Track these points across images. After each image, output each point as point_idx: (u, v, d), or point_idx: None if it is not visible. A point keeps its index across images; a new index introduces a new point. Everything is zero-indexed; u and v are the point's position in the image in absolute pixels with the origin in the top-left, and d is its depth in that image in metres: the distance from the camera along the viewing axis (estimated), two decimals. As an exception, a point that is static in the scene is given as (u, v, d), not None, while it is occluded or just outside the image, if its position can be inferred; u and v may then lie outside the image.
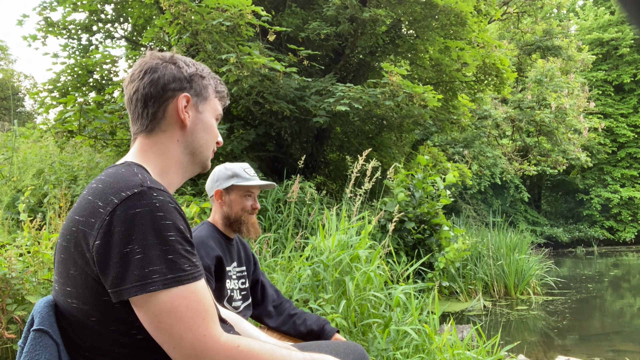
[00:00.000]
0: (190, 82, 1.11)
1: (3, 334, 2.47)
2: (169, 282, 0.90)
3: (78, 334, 0.98)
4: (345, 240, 3.57)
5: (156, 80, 1.07)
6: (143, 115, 1.09)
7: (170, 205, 0.95)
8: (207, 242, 1.83)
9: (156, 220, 0.91)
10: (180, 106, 1.09)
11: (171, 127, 1.10)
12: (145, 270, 0.89)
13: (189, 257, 0.94)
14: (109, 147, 7.06)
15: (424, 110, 6.97)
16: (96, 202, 0.94)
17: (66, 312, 0.98)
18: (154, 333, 0.91)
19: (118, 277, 0.89)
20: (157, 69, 1.08)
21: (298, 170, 6.01)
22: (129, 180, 0.95)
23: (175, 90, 1.09)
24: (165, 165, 1.10)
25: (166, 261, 0.90)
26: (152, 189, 0.94)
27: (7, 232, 4.47)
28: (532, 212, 23.49)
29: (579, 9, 25.83)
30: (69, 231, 0.97)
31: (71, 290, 0.96)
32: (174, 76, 1.09)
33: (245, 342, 0.97)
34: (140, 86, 1.07)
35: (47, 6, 8.66)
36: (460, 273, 7.11)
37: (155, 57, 1.11)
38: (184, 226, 0.96)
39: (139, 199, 0.92)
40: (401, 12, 8.04)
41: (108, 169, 1.04)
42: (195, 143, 1.13)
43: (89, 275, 0.93)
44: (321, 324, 1.94)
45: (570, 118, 13.70)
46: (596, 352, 4.66)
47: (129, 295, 0.89)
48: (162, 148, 1.09)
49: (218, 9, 5.73)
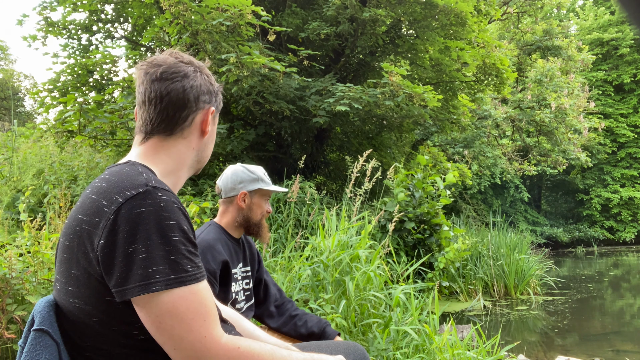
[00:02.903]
0: (216, 97, 1.18)
1: (3, 334, 2.47)
2: (172, 283, 0.90)
3: (79, 334, 0.98)
4: (345, 240, 3.57)
5: (190, 88, 1.09)
6: (169, 117, 1.09)
7: (174, 206, 0.95)
8: (214, 246, 1.80)
9: (160, 220, 0.92)
10: (209, 119, 1.14)
11: (192, 135, 1.13)
12: (149, 270, 0.89)
13: (192, 258, 0.94)
14: (109, 147, 7.06)
15: (424, 110, 6.97)
16: (100, 201, 0.94)
17: (68, 311, 0.98)
18: (154, 333, 0.92)
19: (122, 277, 0.89)
20: (189, 75, 1.10)
21: (298, 170, 6.00)
22: (133, 180, 0.96)
23: (205, 103, 1.14)
24: (174, 168, 1.11)
25: (169, 262, 0.91)
26: (156, 189, 0.95)
27: (7, 232, 4.47)
28: (532, 212, 23.49)
29: (579, 9, 25.81)
30: (72, 230, 0.97)
31: (73, 290, 0.96)
32: (207, 88, 1.14)
33: (246, 343, 0.97)
34: (173, 88, 1.08)
35: (47, 6, 8.66)
36: (460, 273, 7.10)
37: (184, 61, 1.11)
38: (188, 227, 0.96)
39: (144, 198, 0.92)
40: (401, 12, 8.05)
41: (111, 168, 1.04)
42: (205, 152, 1.19)
43: (91, 275, 0.93)
44: (322, 327, 1.93)
45: (570, 118, 13.70)
46: (596, 352, 4.65)
47: (132, 295, 0.89)
48: (177, 152, 1.11)
49: (218, 9, 5.73)
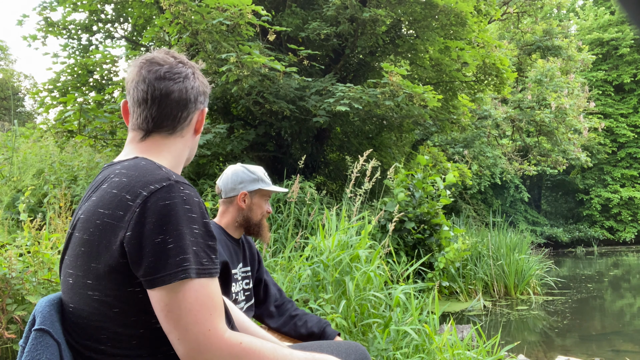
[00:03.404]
0: (207, 97, 1.25)
1: (3, 334, 2.47)
2: (188, 273, 0.93)
3: (92, 328, 0.98)
4: (345, 240, 3.57)
5: (191, 89, 1.16)
6: (172, 116, 1.14)
7: (196, 200, 0.99)
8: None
9: (185, 212, 0.96)
10: (202, 118, 1.22)
11: (188, 133, 1.19)
12: (177, 259, 0.93)
13: (208, 252, 0.98)
14: (109, 147, 7.06)
15: (424, 110, 6.97)
16: (124, 195, 0.97)
17: (81, 306, 0.99)
18: (162, 321, 0.94)
19: (151, 266, 0.92)
20: (189, 77, 1.16)
21: (298, 170, 6.00)
22: (155, 174, 1.00)
23: (201, 103, 1.20)
24: (173, 166, 1.16)
25: (192, 252, 0.95)
26: (179, 183, 0.99)
27: (7, 232, 4.47)
28: (532, 212, 23.48)
29: (579, 9, 25.81)
30: (93, 224, 0.99)
31: (92, 283, 0.97)
32: (203, 90, 1.21)
33: (248, 339, 0.99)
34: (177, 89, 1.13)
35: (47, 6, 8.66)
36: (460, 273, 7.10)
37: (182, 62, 1.17)
38: (208, 220, 1.00)
39: (168, 191, 0.96)
40: (401, 12, 8.05)
41: (123, 163, 1.07)
42: (194, 151, 1.27)
43: (113, 267, 0.95)
44: (322, 327, 1.93)
45: (570, 118, 13.69)
46: (596, 352, 4.65)
47: (162, 283, 0.92)
48: (176, 150, 1.17)
49: (218, 8, 5.73)
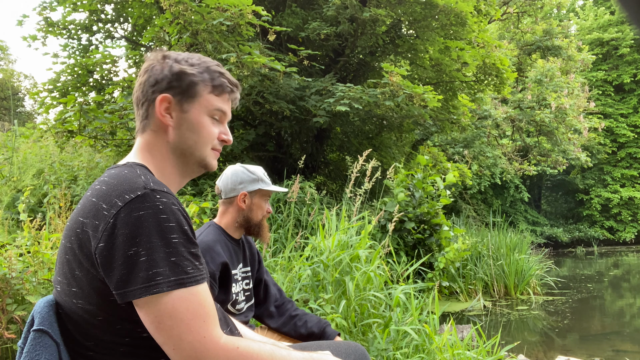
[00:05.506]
0: (175, 81, 1.07)
1: (3, 334, 2.47)
2: (172, 285, 0.91)
3: (82, 334, 0.98)
4: (345, 240, 3.57)
5: (145, 81, 1.09)
6: (138, 115, 1.12)
7: (173, 207, 0.95)
8: (213, 248, 1.79)
9: (160, 222, 0.92)
10: (159, 108, 1.07)
11: (159, 127, 1.09)
12: (149, 273, 0.89)
13: (192, 260, 0.95)
14: (109, 147, 7.05)
15: (424, 110, 6.96)
16: (100, 204, 0.95)
17: (70, 312, 0.98)
18: (154, 333, 0.92)
19: (122, 280, 0.90)
20: (149, 69, 1.10)
21: (298, 170, 6.00)
22: (132, 183, 0.96)
23: (156, 92, 1.07)
24: (159, 165, 1.10)
25: (170, 264, 0.91)
26: (155, 192, 0.95)
27: (7, 232, 4.47)
28: (532, 212, 23.47)
29: (579, 9, 25.81)
30: (74, 232, 0.97)
31: (77, 291, 0.96)
32: (157, 76, 1.07)
33: (245, 343, 0.98)
34: (137, 86, 1.11)
35: (47, 6, 8.66)
36: (460, 273, 7.10)
37: (152, 56, 1.12)
38: (188, 227, 0.96)
39: (142, 201, 0.92)
40: (401, 12, 8.05)
41: (110, 170, 1.04)
42: (183, 144, 1.10)
43: (94, 276, 0.94)
44: (322, 327, 1.93)
45: (570, 118, 13.70)
46: (596, 352, 4.65)
47: (133, 297, 0.90)
48: (154, 148, 1.10)
49: (218, 8, 5.73)
